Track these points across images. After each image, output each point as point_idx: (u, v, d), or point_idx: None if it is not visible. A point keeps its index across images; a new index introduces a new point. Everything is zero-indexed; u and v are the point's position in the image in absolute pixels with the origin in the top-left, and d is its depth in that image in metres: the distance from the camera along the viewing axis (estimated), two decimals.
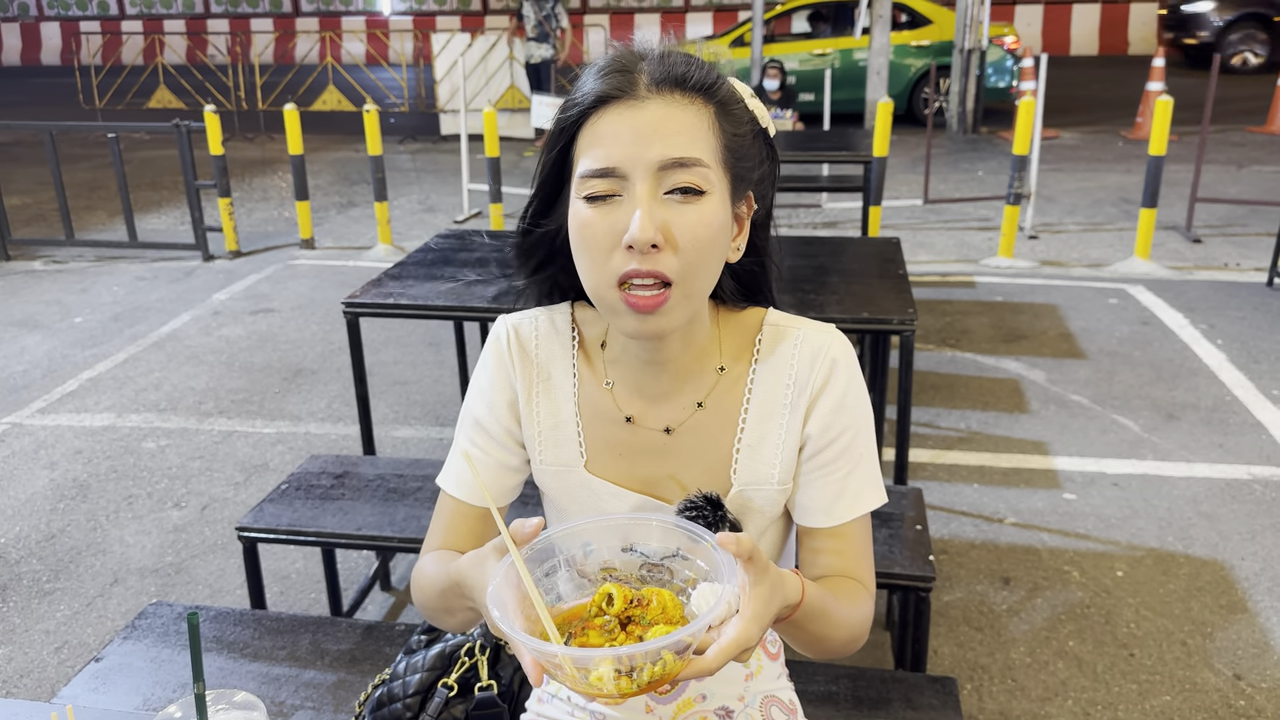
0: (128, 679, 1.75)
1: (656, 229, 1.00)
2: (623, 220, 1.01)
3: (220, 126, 6.45)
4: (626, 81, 1.03)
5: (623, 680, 0.87)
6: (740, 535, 0.90)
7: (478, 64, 10.35)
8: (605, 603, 0.96)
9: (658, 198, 1.01)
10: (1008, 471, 3.58)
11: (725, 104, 1.06)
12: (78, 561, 3.17)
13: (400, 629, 1.91)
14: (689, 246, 1.02)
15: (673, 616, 0.95)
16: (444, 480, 1.23)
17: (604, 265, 1.03)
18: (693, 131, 1.02)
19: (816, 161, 6.29)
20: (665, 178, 1.01)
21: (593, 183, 1.02)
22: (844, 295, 2.93)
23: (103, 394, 4.44)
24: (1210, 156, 7.66)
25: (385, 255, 6.48)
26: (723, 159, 1.05)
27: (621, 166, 1.01)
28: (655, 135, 1.01)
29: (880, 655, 2.65)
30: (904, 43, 10.92)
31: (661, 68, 1.04)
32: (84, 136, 11.10)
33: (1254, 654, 2.61)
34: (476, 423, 1.22)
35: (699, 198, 1.02)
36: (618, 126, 1.02)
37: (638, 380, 1.17)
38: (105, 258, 6.69)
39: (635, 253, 1.01)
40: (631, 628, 0.95)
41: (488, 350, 1.24)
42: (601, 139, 1.02)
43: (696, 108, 1.04)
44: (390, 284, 3.03)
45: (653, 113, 1.02)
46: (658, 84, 1.03)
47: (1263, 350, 4.59)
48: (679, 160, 1.01)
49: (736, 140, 1.07)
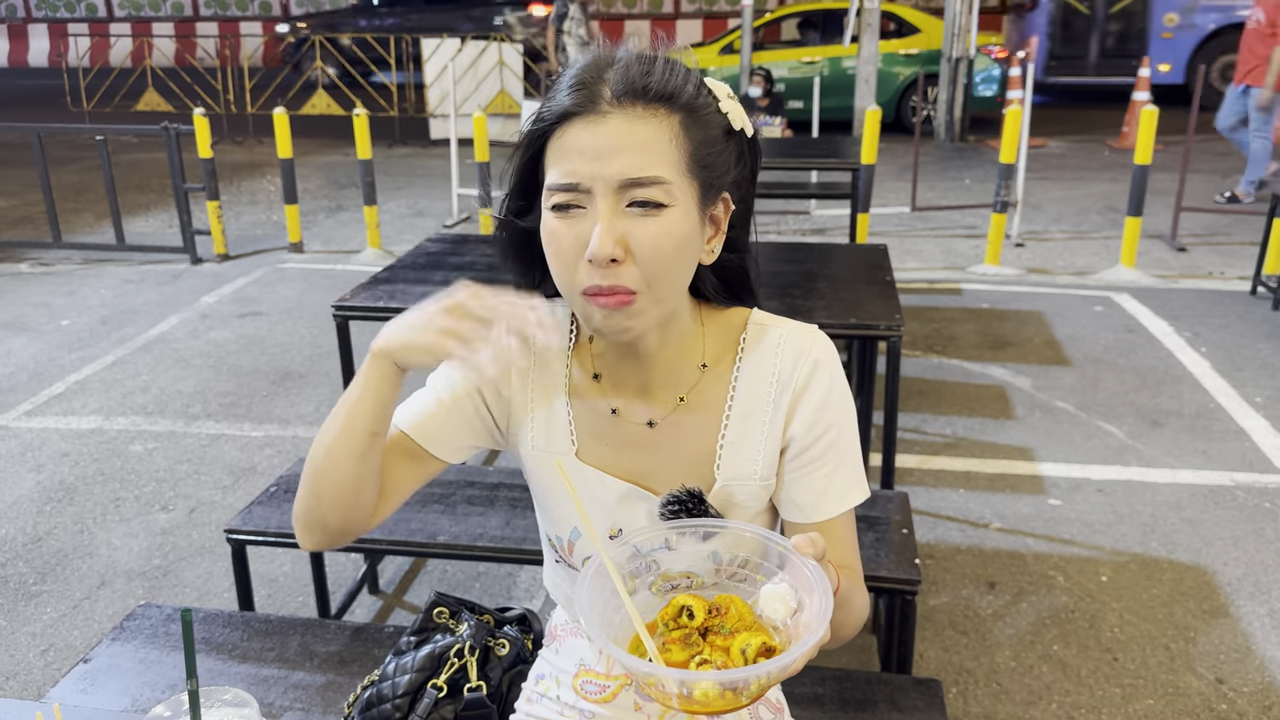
0: (116, 680, 1.75)
1: (616, 243, 1.02)
2: (586, 232, 1.04)
3: (209, 129, 6.44)
4: (589, 96, 1.04)
5: (728, 695, 0.88)
6: (815, 536, 0.93)
7: (468, 69, 10.36)
8: (685, 615, 0.97)
9: (619, 211, 1.04)
10: (993, 477, 3.60)
11: (692, 110, 1.07)
12: (64, 564, 3.16)
13: (389, 631, 1.91)
14: (649, 258, 1.04)
15: (749, 622, 0.97)
16: (399, 413, 1.22)
17: (572, 274, 1.07)
18: (653, 146, 1.03)
19: (805, 168, 6.31)
20: (625, 194, 1.03)
21: (558, 195, 1.05)
22: (831, 301, 2.95)
23: (90, 397, 4.43)
24: (1195, 166, 7.71)
25: (374, 259, 6.48)
26: (688, 168, 1.06)
27: (584, 182, 1.03)
28: (614, 152, 1.03)
29: (866, 658, 2.66)
30: (892, 51, 10.97)
31: (624, 80, 1.04)
32: (72, 139, 11.06)
33: (1236, 658, 2.64)
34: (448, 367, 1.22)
35: (660, 210, 1.04)
36: (581, 142, 1.03)
37: (622, 374, 1.20)
38: (93, 260, 6.67)
39: (596, 267, 1.03)
40: (713, 638, 0.97)
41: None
42: (566, 154, 1.04)
43: (659, 119, 1.04)
44: (381, 287, 3.03)
45: (612, 128, 1.03)
46: (619, 97, 1.04)
47: (1245, 358, 4.63)
48: (636, 180, 1.03)
49: (705, 147, 1.08)
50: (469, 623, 1.54)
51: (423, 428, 1.22)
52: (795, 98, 10.54)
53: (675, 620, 0.98)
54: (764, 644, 0.93)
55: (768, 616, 0.96)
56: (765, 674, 0.87)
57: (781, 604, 0.95)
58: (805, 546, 0.95)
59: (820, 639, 0.89)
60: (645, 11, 19.33)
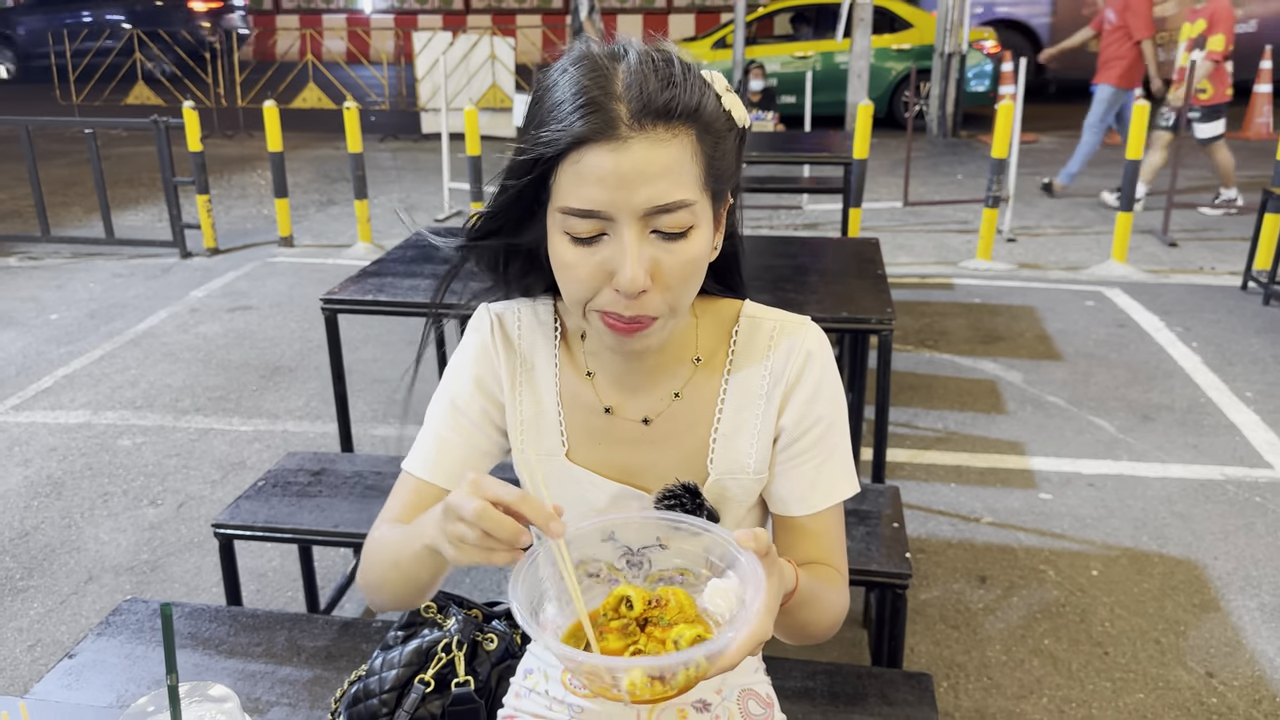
0: (101, 675, 1.74)
1: (646, 274, 0.99)
2: (609, 259, 1.00)
3: (199, 123, 6.41)
4: (605, 120, 0.96)
5: (656, 685, 0.87)
6: (758, 531, 0.91)
7: (459, 63, 10.33)
8: (624, 605, 0.97)
9: (645, 238, 1.00)
10: (984, 471, 3.60)
11: (707, 120, 1.01)
12: (52, 559, 3.14)
13: (377, 625, 1.90)
14: (677, 283, 1.02)
15: (689, 615, 0.96)
16: (410, 463, 1.22)
17: (589, 296, 1.03)
18: (677, 170, 0.98)
19: (797, 162, 6.31)
20: (650, 221, 0.99)
21: (576, 223, 0.99)
22: (823, 295, 2.94)
23: (78, 391, 4.40)
24: (1186, 162, 7.72)
25: (365, 253, 6.46)
26: (704, 181, 1.02)
27: (607, 210, 0.98)
28: (640, 180, 0.96)
29: (857, 652, 2.66)
30: (885, 46, 10.97)
31: (641, 98, 0.97)
32: (61, 132, 11.00)
33: (1226, 652, 2.64)
34: (454, 405, 1.23)
35: (686, 234, 1.01)
36: (600, 169, 0.96)
37: (616, 372, 1.19)
38: (82, 254, 6.63)
39: (621, 295, 1.01)
40: (651, 629, 0.96)
41: (469, 338, 1.24)
42: (583, 180, 0.97)
43: (680, 139, 0.98)
44: (370, 280, 3.01)
45: (636, 155, 0.96)
46: (639, 119, 0.96)
47: (1236, 352, 4.64)
48: (663, 207, 0.98)
49: (717, 155, 1.03)
50: (457, 617, 1.53)
51: (450, 475, 1.20)
52: (788, 92, 10.53)
53: (615, 610, 0.97)
54: (698, 635, 0.91)
55: (711, 611, 0.95)
56: (691, 661, 0.86)
57: (724, 599, 0.94)
58: (746, 540, 0.90)
59: (753, 632, 0.87)
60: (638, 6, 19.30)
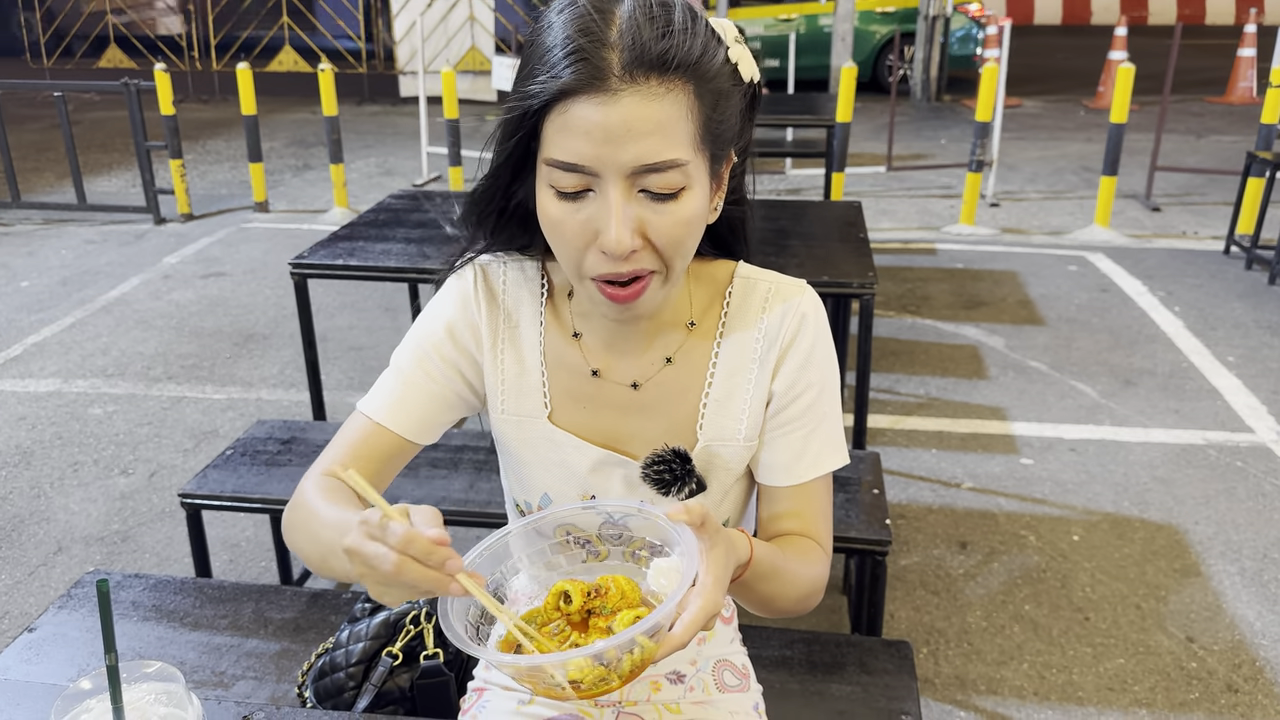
0: (62, 649, 1.69)
1: (633, 234, 0.94)
2: (595, 218, 0.95)
3: (171, 86, 6.27)
4: (594, 70, 0.91)
5: (600, 674, 0.83)
6: (690, 503, 0.87)
7: (437, 25, 10.16)
8: (563, 600, 0.93)
9: (632, 196, 0.94)
10: (966, 437, 3.58)
11: (706, 73, 0.95)
12: (20, 530, 3.09)
13: (347, 597, 1.86)
14: (667, 244, 0.97)
15: (633, 600, 0.92)
16: (367, 404, 1.15)
17: (579, 259, 0.99)
18: (669, 127, 0.92)
19: (780, 125, 6.24)
20: (639, 179, 0.94)
21: (560, 176, 0.95)
22: (805, 258, 2.90)
23: (48, 359, 4.32)
24: (1170, 126, 7.72)
25: (341, 218, 6.36)
26: (700, 140, 0.96)
27: (592, 165, 0.93)
28: (628, 136, 0.91)
29: (836, 619, 2.64)
30: (869, 9, 10.85)
31: (635, 48, 0.91)
32: (31, 96, 10.79)
33: (1206, 617, 2.63)
34: (421, 349, 1.15)
35: (677, 195, 0.96)
36: (587, 121, 0.91)
37: (606, 334, 1.13)
38: (53, 220, 6.51)
39: (610, 256, 0.96)
40: (595, 620, 0.92)
41: (450, 286, 1.17)
42: (569, 132, 0.92)
43: (674, 93, 0.92)
44: (340, 245, 2.95)
45: (625, 110, 0.91)
46: (630, 70, 0.91)
47: (1218, 317, 4.62)
48: (652, 166, 0.93)
49: (717, 112, 0.97)
50: None
51: (408, 421, 1.13)
52: (771, 56, 10.42)
53: (556, 608, 0.93)
54: (636, 617, 0.87)
55: (657, 592, 0.92)
56: (632, 644, 0.82)
57: (668, 579, 0.90)
58: (678, 514, 0.87)
59: (702, 605, 0.84)
60: None
